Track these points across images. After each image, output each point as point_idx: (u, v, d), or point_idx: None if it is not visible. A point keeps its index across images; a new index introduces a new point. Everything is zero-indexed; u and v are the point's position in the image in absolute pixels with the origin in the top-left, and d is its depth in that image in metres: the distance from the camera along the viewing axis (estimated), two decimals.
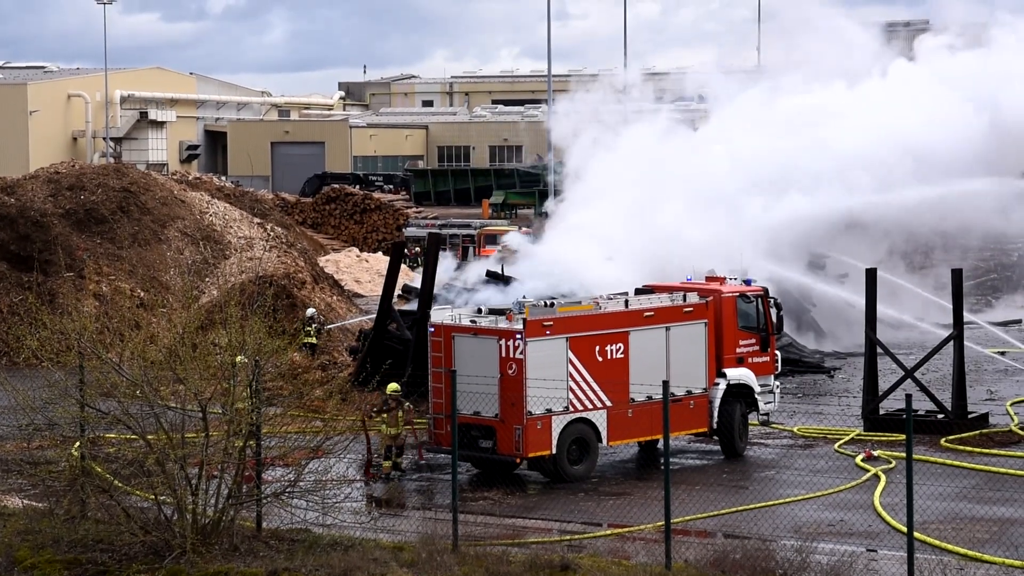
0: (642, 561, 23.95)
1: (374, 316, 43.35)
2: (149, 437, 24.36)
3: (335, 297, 53.41)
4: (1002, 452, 33.37)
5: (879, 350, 37.07)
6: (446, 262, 40.51)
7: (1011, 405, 38.79)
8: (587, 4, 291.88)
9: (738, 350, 34.43)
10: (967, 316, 38.91)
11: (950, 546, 25.13)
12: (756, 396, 34.50)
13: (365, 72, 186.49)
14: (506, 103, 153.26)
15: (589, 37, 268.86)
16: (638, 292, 34.47)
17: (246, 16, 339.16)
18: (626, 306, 32.94)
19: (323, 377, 39.65)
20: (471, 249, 74.15)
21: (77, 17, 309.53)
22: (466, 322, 32.19)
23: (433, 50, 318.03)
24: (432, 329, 32.34)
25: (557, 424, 31.33)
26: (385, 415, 32.25)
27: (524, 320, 31.11)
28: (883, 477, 30.44)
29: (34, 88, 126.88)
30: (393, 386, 32.35)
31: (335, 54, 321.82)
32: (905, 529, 21.98)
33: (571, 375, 31.55)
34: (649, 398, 31.75)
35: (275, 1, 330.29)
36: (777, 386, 35.60)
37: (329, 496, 25.03)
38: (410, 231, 78.50)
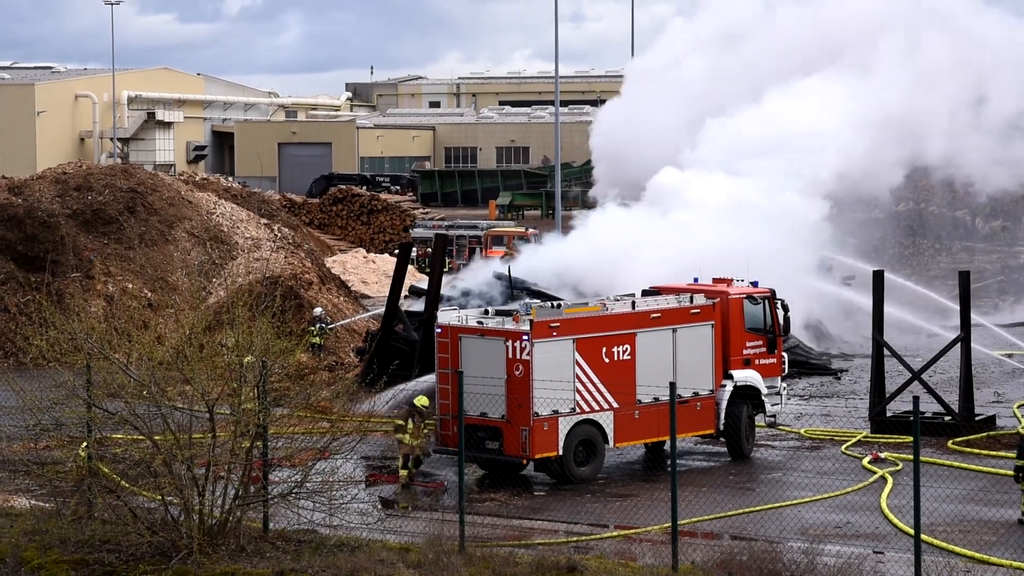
0: (649, 563, 23.93)
1: (379, 314, 43.44)
2: (156, 438, 24.39)
3: (342, 298, 53.45)
4: (1009, 454, 33.29)
5: (886, 352, 37.04)
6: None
7: (1018, 407, 38.74)
8: (602, 6, 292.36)
9: (745, 351, 34.41)
10: (974, 318, 38.86)
11: (957, 548, 25.10)
12: (763, 398, 34.48)
13: (372, 73, 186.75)
14: (513, 104, 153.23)
15: (603, 39, 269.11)
16: (645, 293, 34.46)
17: (261, 17, 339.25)
18: (633, 307, 32.93)
19: (330, 378, 39.69)
20: (477, 250, 74.16)
21: (91, 18, 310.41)
22: (473, 323, 32.18)
23: (445, 52, 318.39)
24: (439, 330, 32.34)
25: (564, 425, 31.33)
26: (410, 425, 31.93)
27: (531, 321, 31.10)
28: (890, 479, 30.41)
29: (41, 88, 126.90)
30: (422, 400, 32.15)
31: (347, 56, 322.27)
32: (912, 531, 21.95)
33: (578, 376, 31.52)
34: (656, 399, 31.73)
35: (290, 3, 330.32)
36: (784, 388, 35.59)
37: (336, 497, 25.01)
38: (417, 232, 78.48)
